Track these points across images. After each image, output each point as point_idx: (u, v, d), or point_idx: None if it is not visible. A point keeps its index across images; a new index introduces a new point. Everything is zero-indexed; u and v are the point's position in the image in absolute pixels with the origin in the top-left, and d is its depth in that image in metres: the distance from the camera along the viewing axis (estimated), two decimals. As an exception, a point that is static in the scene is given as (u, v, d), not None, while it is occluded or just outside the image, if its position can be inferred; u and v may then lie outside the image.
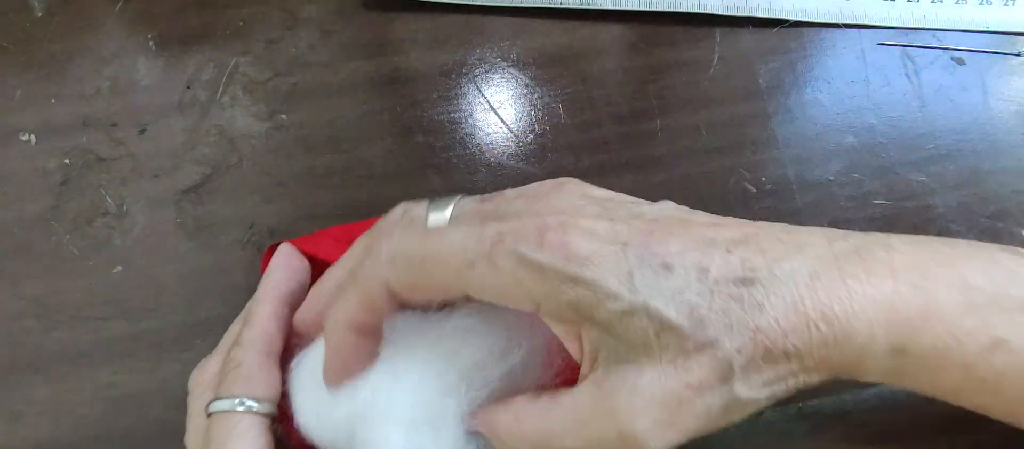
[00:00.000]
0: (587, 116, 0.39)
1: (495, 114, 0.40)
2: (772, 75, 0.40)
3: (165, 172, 0.38)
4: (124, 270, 0.36)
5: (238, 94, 0.40)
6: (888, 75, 0.41)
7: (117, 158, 0.38)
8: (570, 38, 0.41)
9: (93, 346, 0.34)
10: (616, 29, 0.42)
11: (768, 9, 0.42)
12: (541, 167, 0.38)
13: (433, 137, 0.39)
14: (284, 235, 0.36)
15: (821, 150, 0.38)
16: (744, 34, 0.41)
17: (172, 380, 0.33)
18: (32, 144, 0.39)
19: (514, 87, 0.40)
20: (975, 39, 0.41)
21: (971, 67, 0.41)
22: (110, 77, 0.40)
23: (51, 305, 0.35)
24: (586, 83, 0.40)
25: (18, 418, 0.33)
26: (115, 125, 0.39)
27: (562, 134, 0.39)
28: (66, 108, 0.39)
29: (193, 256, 0.36)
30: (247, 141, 0.39)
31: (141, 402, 0.33)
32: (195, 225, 0.37)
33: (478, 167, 0.38)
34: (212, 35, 0.41)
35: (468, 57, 0.41)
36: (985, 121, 0.39)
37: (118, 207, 0.37)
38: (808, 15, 0.42)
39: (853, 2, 0.42)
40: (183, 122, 0.39)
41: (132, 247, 0.36)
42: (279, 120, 0.39)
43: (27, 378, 0.34)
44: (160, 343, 0.34)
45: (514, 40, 0.41)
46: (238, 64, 0.41)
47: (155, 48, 0.41)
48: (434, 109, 0.39)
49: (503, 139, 0.39)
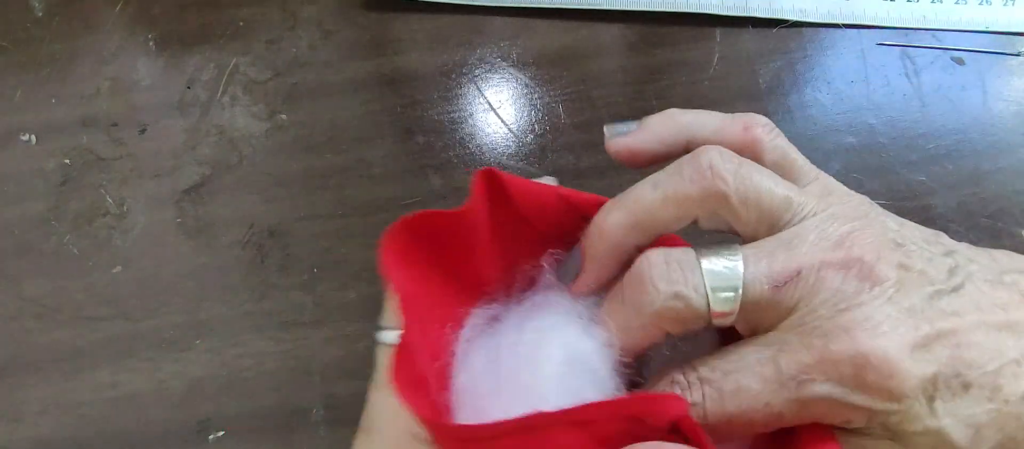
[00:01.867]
0: (587, 116, 0.39)
1: (495, 114, 0.40)
2: (772, 75, 0.40)
3: (165, 172, 0.38)
4: (124, 270, 0.36)
5: (238, 94, 0.40)
6: (888, 75, 0.41)
7: (117, 158, 0.38)
8: (570, 38, 0.41)
9: (93, 346, 0.34)
10: (616, 29, 0.42)
11: (768, 9, 0.42)
12: (541, 167, 0.38)
13: (433, 137, 0.39)
14: (284, 235, 0.36)
15: (821, 150, 0.38)
16: (744, 34, 0.41)
17: (172, 380, 0.33)
18: (32, 144, 0.39)
19: (514, 87, 0.40)
20: (975, 39, 0.41)
21: (971, 67, 0.41)
22: (110, 77, 0.40)
23: (51, 305, 0.35)
24: (586, 83, 0.40)
25: (18, 418, 0.33)
26: (115, 125, 0.39)
27: (562, 134, 0.39)
28: (66, 108, 0.39)
29: (193, 256, 0.36)
30: (247, 141, 0.39)
31: (141, 402, 0.33)
32: (195, 225, 0.37)
33: (478, 167, 0.38)
34: (212, 35, 0.41)
35: (468, 57, 0.41)
36: (985, 121, 0.39)
37: (118, 207, 0.37)
38: (808, 15, 0.42)
39: (853, 2, 0.42)
40: (183, 122, 0.39)
41: (132, 247, 0.36)
42: (279, 120, 0.39)
43: (27, 378, 0.34)
44: (160, 343, 0.34)
45: (514, 40, 0.41)
46: (238, 64, 0.41)
47: (155, 48, 0.41)
48: (434, 109, 0.40)
49: (503, 139, 0.39)
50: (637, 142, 0.26)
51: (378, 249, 0.23)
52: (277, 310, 0.35)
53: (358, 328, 0.34)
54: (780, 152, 0.25)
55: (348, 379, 0.33)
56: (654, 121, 0.26)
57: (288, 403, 0.33)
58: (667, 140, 0.25)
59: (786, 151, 0.25)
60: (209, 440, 0.32)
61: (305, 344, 0.34)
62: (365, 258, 0.36)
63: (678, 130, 0.25)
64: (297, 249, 0.36)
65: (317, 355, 0.34)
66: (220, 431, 0.32)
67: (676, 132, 0.25)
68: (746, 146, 0.25)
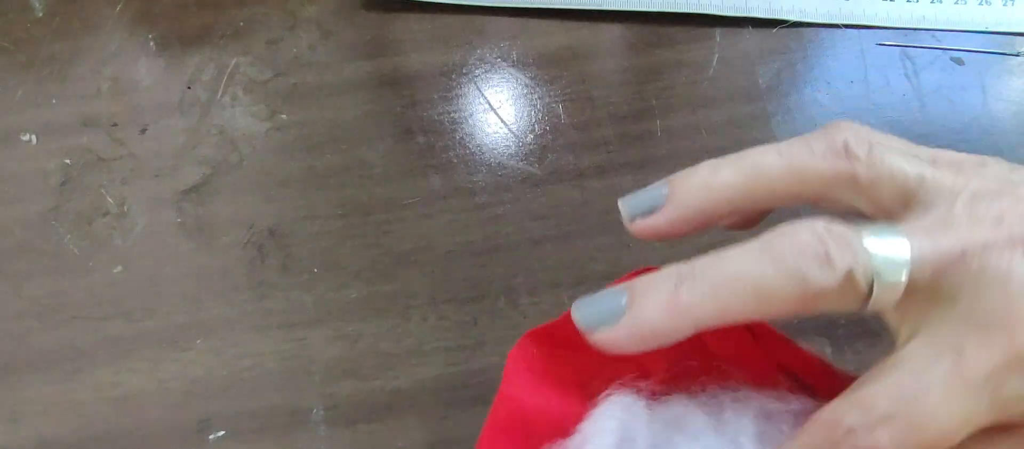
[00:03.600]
0: (587, 116, 0.39)
1: (495, 114, 0.40)
2: (772, 75, 0.40)
3: (166, 172, 0.38)
4: (124, 270, 0.36)
5: (239, 94, 0.40)
6: (887, 75, 0.41)
7: (118, 158, 0.38)
8: (570, 38, 0.41)
9: (93, 346, 0.34)
10: (616, 29, 0.42)
11: (768, 9, 0.42)
12: (541, 167, 0.38)
13: (433, 137, 0.39)
14: (284, 235, 0.36)
15: (821, 150, 0.38)
16: (744, 34, 0.41)
17: (172, 380, 0.33)
18: (33, 144, 0.39)
19: (514, 87, 0.40)
20: (974, 39, 0.41)
21: (970, 67, 0.41)
22: (111, 77, 0.40)
23: (51, 305, 0.35)
24: (586, 83, 0.40)
25: (18, 418, 0.33)
26: (116, 125, 0.39)
27: (562, 134, 0.39)
28: (67, 108, 0.39)
29: (193, 256, 0.36)
30: (248, 141, 0.39)
31: (141, 402, 0.33)
32: (195, 225, 0.37)
33: (478, 167, 0.38)
34: (213, 35, 0.41)
35: (468, 57, 0.41)
36: (984, 121, 0.39)
37: (119, 207, 0.37)
38: (808, 15, 0.42)
39: (853, 2, 0.42)
40: (184, 122, 0.39)
41: (132, 247, 0.36)
42: (279, 120, 0.39)
43: (27, 378, 0.34)
44: (160, 343, 0.34)
45: (514, 40, 0.41)
46: (239, 64, 0.41)
47: (156, 48, 0.41)
48: (434, 109, 0.40)
49: (503, 139, 0.39)
50: (666, 226, 0.22)
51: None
52: (277, 310, 0.35)
53: (358, 328, 0.34)
54: (885, 168, 0.21)
55: (348, 379, 0.33)
56: (685, 193, 0.22)
57: (288, 403, 0.33)
58: (708, 211, 0.22)
59: (891, 165, 0.21)
60: (209, 440, 0.32)
61: (305, 344, 0.34)
62: (365, 258, 0.36)
63: (719, 199, 0.22)
64: (297, 249, 0.36)
65: (317, 355, 0.34)
66: (220, 431, 0.32)
67: (717, 201, 0.22)
68: (843, 178, 0.21)
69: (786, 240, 0.19)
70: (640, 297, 0.20)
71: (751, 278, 0.19)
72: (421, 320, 0.34)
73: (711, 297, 0.19)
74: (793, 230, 0.19)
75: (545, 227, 0.36)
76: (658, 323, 0.20)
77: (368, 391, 0.33)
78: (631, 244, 0.35)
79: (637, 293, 0.20)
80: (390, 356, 0.33)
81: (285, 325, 0.34)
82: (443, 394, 0.33)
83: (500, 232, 0.36)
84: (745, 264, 0.19)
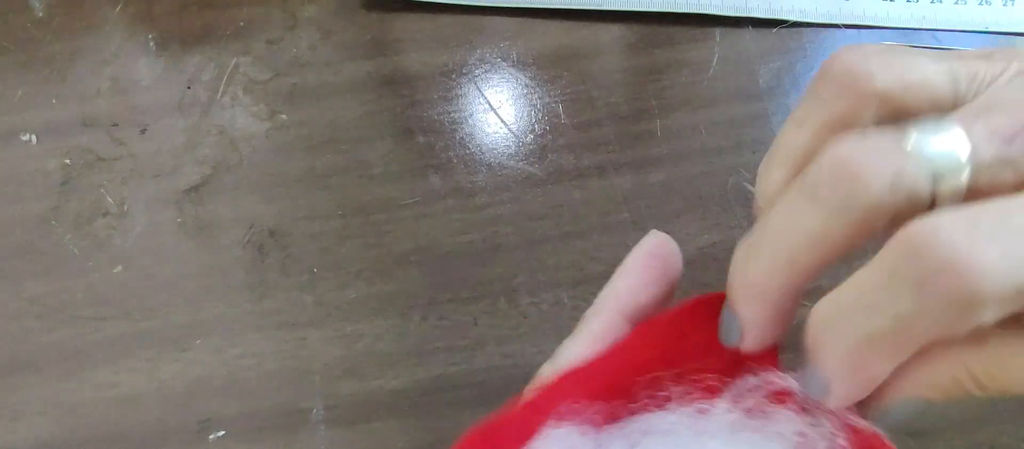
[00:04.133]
0: (587, 116, 0.39)
1: (495, 114, 0.40)
2: (772, 75, 0.40)
3: (166, 172, 0.38)
4: (124, 270, 0.36)
5: (239, 94, 0.40)
6: (888, 75, 0.41)
7: (118, 158, 0.38)
8: (570, 38, 0.41)
9: (93, 346, 0.34)
10: (616, 29, 0.42)
11: (768, 9, 0.42)
12: (541, 167, 0.38)
13: (433, 137, 0.39)
14: (284, 235, 0.36)
15: (821, 150, 0.38)
16: (744, 34, 0.41)
17: (172, 380, 0.33)
18: (33, 144, 0.39)
19: (514, 87, 0.40)
20: (975, 39, 0.41)
21: (971, 67, 0.41)
22: (111, 77, 0.40)
23: (51, 305, 0.35)
24: (586, 83, 0.40)
25: (18, 418, 0.33)
26: (116, 125, 0.39)
27: (562, 134, 0.39)
28: (67, 108, 0.39)
29: (193, 256, 0.36)
30: (247, 141, 0.39)
31: (141, 402, 0.33)
32: (195, 225, 0.37)
33: (478, 167, 0.38)
34: (212, 35, 0.41)
35: (468, 57, 0.41)
36: (985, 121, 0.39)
37: (119, 207, 0.37)
38: (808, 15, 0.42)
39: (853, 2, 0.42)
40: (184, 122, 0.39)
41: (132, 247, 0.36)
42: (279, 120, 0.39)
43: (27, 378, 0.34)
44: (160, 343, 0.34)
45: (514, 40, 0.41)
46: (239, 64, 0.41)
47: (156, 48, 0.41)
48: (434, 109, 0.40)
49: (503, 139, 0.39)
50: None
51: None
52: (277, 310, 0.35)
53: (358, 328, 0.34)
54: (896, 72, 0.18)
55: (348, 379, 0.33)
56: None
57: (288, 403, 0.33)
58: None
59: (910, 69, 0.18)
60: (209, 440, 0.32)
61: (305, 344, 0.34)
62: (365, 258, 0.36)
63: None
64: (297, 249, 0.36)
65: (317, 355, 0.34)
66: (220, 431, 0.32)
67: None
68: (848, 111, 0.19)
69: (819, 171, 0.17)
70: (736, 301, 0.19)
71: (798, 229, 0.17)
72: (421, 320, 0.34)
73: (771, 266, 0.18)
74: (826, 157, 0.17)
75: (545, 227, 0.36)
76: (755, 316, 0.19)
77: (368, 391, 0.33)
78: (631, 244, 0.35)
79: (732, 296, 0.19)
80: (390, 356, 0.33)
81: (285, 325, 0.34)
82: (443, 394, 0.33)
83: (500, 232, 0.36)
84: (787, 216, 0.18)
